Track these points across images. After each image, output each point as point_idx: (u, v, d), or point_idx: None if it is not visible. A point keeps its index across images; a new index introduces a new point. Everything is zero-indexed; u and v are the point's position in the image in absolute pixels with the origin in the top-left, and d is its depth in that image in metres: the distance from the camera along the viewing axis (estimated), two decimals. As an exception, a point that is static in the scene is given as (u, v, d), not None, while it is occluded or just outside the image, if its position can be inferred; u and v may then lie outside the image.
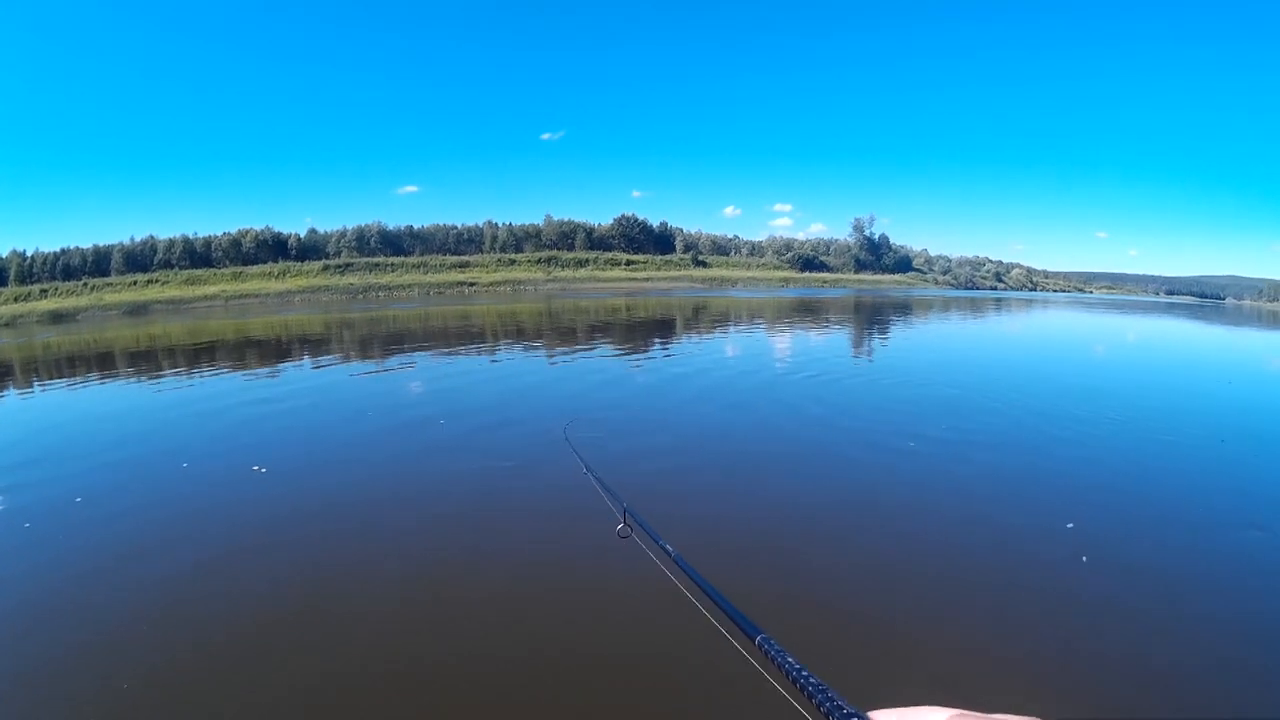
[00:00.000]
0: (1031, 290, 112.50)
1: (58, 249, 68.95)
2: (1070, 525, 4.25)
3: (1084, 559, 3.80)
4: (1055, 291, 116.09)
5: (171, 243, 69.12)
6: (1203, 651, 2.90)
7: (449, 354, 13.72)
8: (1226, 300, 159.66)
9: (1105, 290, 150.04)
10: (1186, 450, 6.15)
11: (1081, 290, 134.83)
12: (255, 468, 5.48)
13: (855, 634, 3.00)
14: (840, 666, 2.69)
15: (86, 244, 69.27)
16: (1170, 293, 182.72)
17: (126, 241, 69.61)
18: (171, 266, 67.58)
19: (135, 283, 65.38)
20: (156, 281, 65.44)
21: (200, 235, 70.38)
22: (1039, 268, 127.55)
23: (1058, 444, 6.29)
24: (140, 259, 68.37)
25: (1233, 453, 6.05)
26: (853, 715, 0.59)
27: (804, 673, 0.73)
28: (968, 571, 3.62)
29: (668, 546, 1.42)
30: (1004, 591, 3.41)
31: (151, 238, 69.84)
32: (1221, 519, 4.48)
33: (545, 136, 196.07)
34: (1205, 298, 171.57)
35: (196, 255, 68.82)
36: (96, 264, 68.34)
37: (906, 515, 4.50)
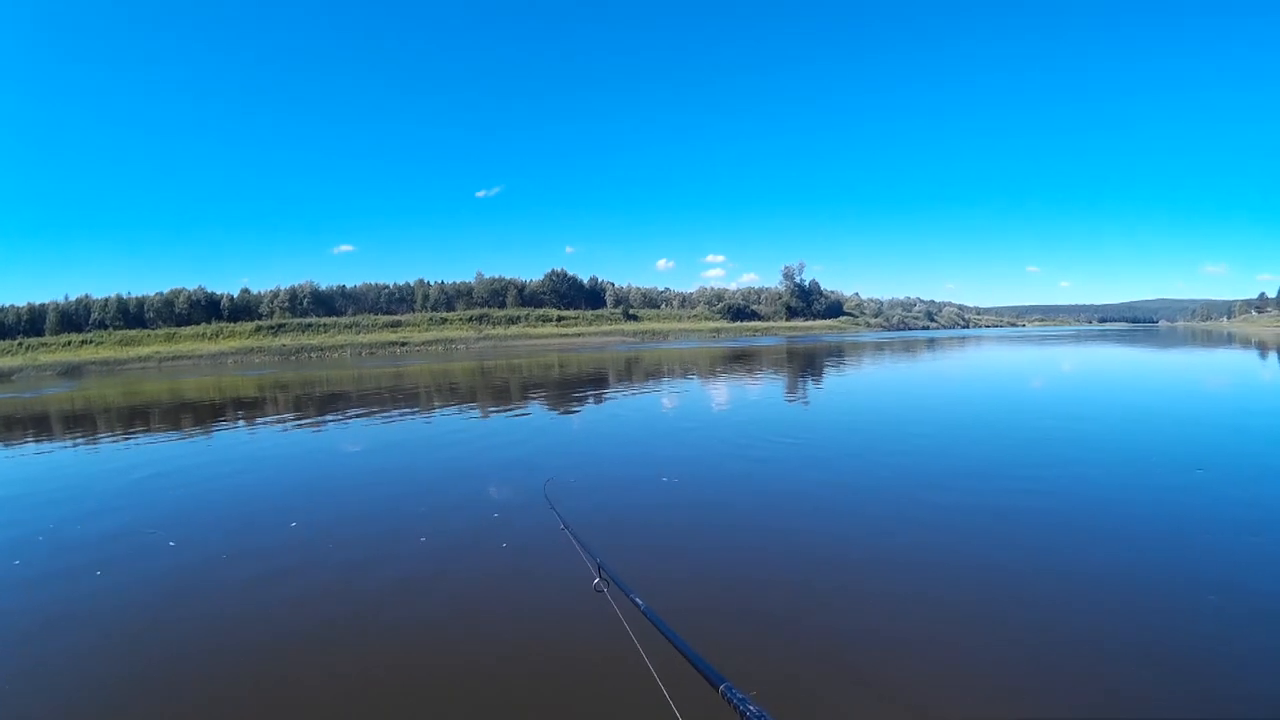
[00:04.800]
0: (964, 328, 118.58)
1: (-9, 307, 71.02)
2: (1022, 548, 4.53)
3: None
4: (988, 327, 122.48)
5: (106, 302, 72.14)
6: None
7: (402, 415, 14.02)
8: (1160, 323, 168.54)
9: (1039, 323, 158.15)
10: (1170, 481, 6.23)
11: (1015, 324, 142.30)
12: (293, 525, 5.67)
13: (820, 676, 3.10)
14: (806, 709, 2.80)
15: (21, 302, 71.76)
16: (1103, 320, 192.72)
17: (61, 300, 72.64)
18: (106, 326, 70.59)
19: (70, 343, 68.06)
20: (91, 342, 68.18)
21: (134, 295, 74.01)
22: (971, 304, 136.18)
23: (1020, 480, 6.42)
24: (75, 319, 71.20)
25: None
26: None
27: (764, 717, 0.78)
28: (930, 607, 3.74)
29: (637, 600, 1.50)
30: (966, 633, 3.50)
31: (86, 297, 72.89)
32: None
33: (480, 194, 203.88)
34: (1138, 322, 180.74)
35: (130, 315, 71.92)
36: (31, 323, 70.99)
37: (868, 554, 4.65)
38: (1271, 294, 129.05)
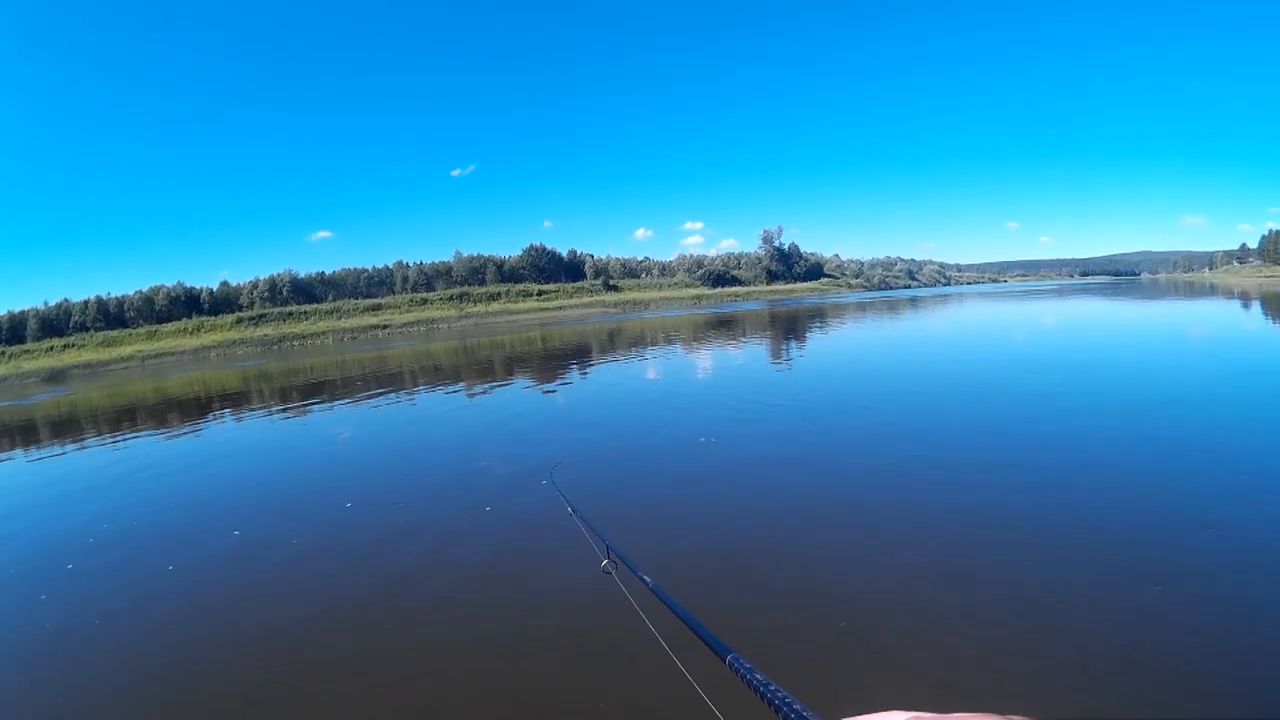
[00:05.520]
0: (946, 285, 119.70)
1: (-29, 318, 71.18)
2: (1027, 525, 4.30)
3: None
4: (970, 284, 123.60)
5: (86, 304, 72.47)
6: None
7: (395, 401, 13.93)
8: (1141, 275, 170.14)
9: (1020, 278, 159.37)
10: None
11: (996, 280, 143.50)
12: (235, 533, 5.66)
13: (824, 646, 3.11)
14: (809, 678, 2.86)
15: (1, 310, 71.80)
16: (1085, 274, 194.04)
17: (41, 306, 72.70)
18: (87, 329, 70.88)
19: (52, 348, 68.16)
20: (73, 345, 68.35)
21: (114, 295, 74.32)
22: (951, 262, 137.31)
23: (1017, 449, 6.18)
24: (56, 323, 71.41)
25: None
26: None
27: (771, 687, 0.79)
28: (930, 579, 3.69)
29: (645, 578, 1.55)
30: (967, 594, 3.47)
31: (66, 301, 73.31)
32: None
33: (455, 173, 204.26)
34: (1120, 275, 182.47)
35: (111, 316, 72.16)
36: (12, 330, 71.16)
37: (869, 528, 4.55)
38: (1252, 244, 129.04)
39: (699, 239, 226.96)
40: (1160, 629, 3.09)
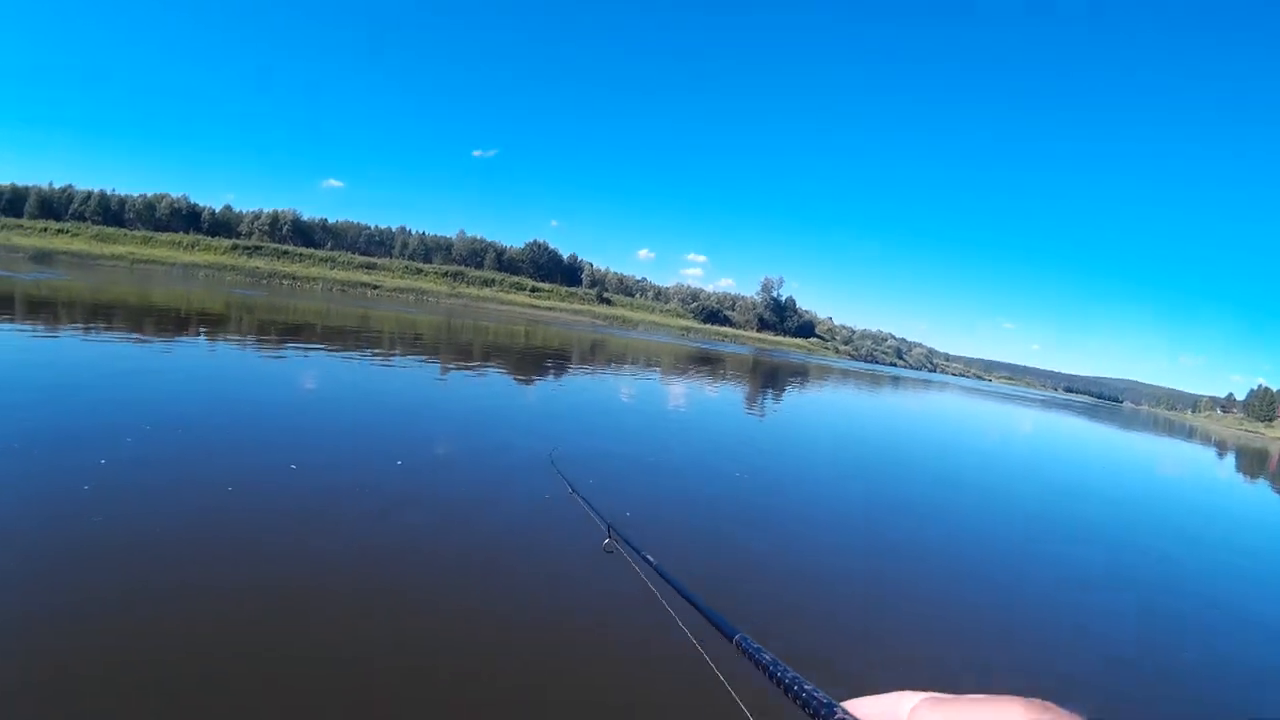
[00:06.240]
0: (931, 371, 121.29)
1: (-27, 181, 71.62)
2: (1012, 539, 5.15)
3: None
4: (955, 375, 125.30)
5: (89, 195, 73.19)
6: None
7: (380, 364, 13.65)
8: (1124, 403, 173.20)
9: (1005, 380, 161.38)
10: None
11: (981, 377, 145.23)
12: (291, 466, 5.25)
13: (830, 630, 3.25)
14: (819, 660, 2.97)
15: (4, 181, 72.38)
16: (1069, 390, 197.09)
17: (44, 186, 72.59)
18: (84, 219, 71.09)
19: (46, 229, 68.72)
20: (66, 232, 68.88)
21: (117, 193, 74.66)
22: (941, 349, 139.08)
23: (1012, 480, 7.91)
24: (55, 206, 72.07)
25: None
26: (827, 704, 0.61)
27: (779, 665, 0.78)
28: (932, 567, 3.96)
29: (649, 558, 1.53)
30: (967, 582, 3.76)
31: (70, 187, 73.81)
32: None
33: (477, 153, 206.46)
34: (1102, 399, 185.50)
35: (110, 213, 72.99)
36: (12, 204, 71.59)
37: (874, 519, 4.98)
38: (1240, 395, 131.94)
39: (699, 271, 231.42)
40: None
